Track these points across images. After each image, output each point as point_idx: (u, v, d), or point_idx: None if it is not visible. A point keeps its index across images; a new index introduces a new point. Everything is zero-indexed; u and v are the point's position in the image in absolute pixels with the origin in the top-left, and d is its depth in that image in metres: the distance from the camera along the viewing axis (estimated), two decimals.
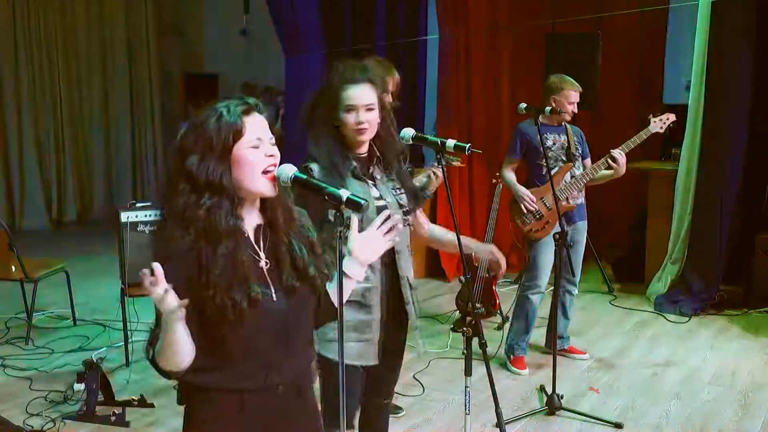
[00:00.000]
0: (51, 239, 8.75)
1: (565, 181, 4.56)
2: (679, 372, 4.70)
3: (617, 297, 6.27)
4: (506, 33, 6.87)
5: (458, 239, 2.81)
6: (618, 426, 3.93)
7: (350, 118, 2.59)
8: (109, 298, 5.68)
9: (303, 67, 7.11)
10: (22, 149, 9.23)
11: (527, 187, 4.64)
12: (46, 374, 4.61)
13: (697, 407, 4.18)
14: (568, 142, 4.59)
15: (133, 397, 4.14)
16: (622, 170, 4.42)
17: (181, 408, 1.95)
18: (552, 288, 5.00)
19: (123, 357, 4.74)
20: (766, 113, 5.95)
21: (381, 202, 2.64)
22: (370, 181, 2.67)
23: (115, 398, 4.13)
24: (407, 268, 2.76)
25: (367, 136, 2.63)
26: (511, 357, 4.73)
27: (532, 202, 4.58)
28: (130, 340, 4.72)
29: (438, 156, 2.74)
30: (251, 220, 1.91)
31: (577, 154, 4.63)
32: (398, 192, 2.73)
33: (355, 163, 2.64)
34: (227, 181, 1.81)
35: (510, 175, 4.69)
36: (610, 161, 4.39)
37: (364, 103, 2.59)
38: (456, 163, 4.32)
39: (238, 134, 1.82)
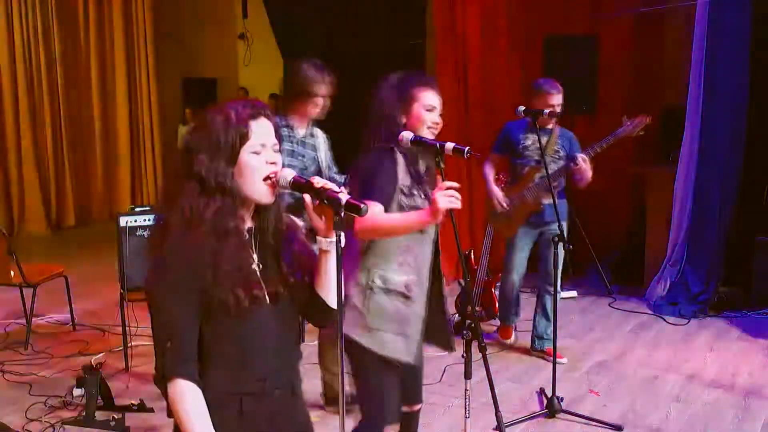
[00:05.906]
0: (50, 244, 8.75)
1: (534, 182, 4.70)
2: (679, 374, 4.69)
3: (616, 299, 6.26)
4: (504, 36, 6.86)
5: (457, 241, 2.81)
6: (618, 429, 3.93)
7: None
8: (109, 303, 5.68)
9: None
10: (20, 153, 9.22)
11: (510, 183, 4.83)
12: (45, 379, 4.61)
13: (698, 409, 4.18)
14: (547, 144, 4.60)
15: (133, 402, 4.12)
16: (587, 174, 4.44)
17: None
18: (535, 291, 5.20)
19: (122, 362, 4.73)
20: (765, 113, 5.96)
21: None
22: None
23: (115, 403, 4.12)
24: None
25: None
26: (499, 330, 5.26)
27: (502, 201, 4.76)
28: (129, 345, 4.71)
29: (437, 159, 2.74)
30: (246, 222, 1.92)
31: (558, 156, 4.68)
32: None
33: None
34: (231, 183, 1.82)
35: (487, 170, 4.87)
36: (572, 165, 4.45)
37: None
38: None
39: (244, 138, 1.83)
